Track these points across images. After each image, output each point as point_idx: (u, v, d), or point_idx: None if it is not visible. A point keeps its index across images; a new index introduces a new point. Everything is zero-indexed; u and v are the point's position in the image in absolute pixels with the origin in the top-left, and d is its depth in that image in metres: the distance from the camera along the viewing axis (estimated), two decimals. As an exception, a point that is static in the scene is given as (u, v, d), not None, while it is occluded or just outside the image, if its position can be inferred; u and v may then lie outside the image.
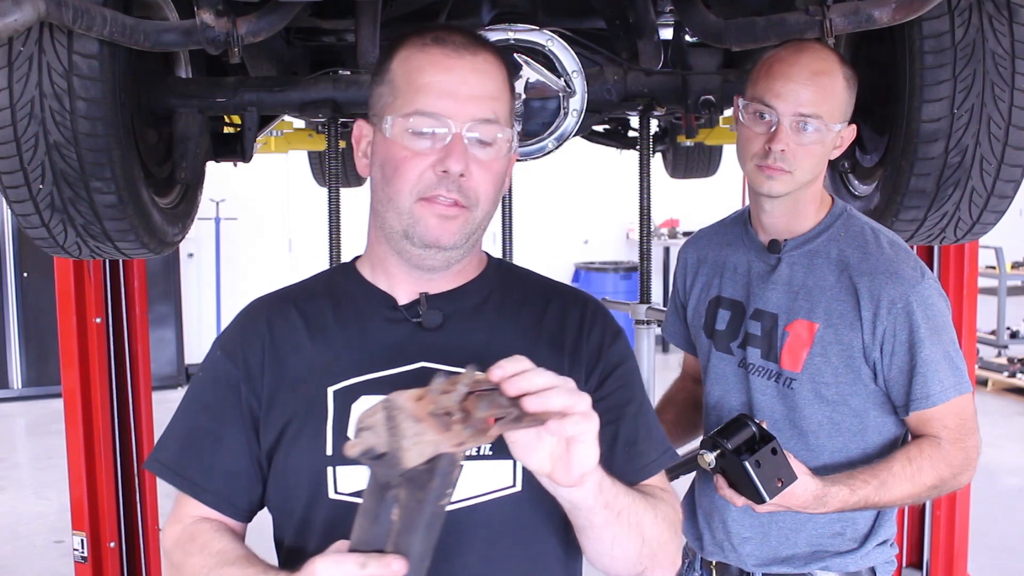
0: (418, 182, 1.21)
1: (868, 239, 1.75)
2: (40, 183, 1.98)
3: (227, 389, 1.27)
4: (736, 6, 2.24)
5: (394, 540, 0.99)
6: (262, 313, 1.32)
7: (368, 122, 1.29)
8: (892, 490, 1.68)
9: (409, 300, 1.29)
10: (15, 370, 7.87)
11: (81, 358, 3.19)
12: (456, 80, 1.21)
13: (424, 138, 1.20)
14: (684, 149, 4.88)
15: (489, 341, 1.27)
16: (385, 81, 1.25)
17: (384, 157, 1.23)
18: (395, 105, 1.22)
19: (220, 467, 1.26)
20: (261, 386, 1.27)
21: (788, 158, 1.68)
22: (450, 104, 1.20)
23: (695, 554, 1.93)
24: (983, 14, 1.93)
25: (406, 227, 1.22)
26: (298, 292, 1.36)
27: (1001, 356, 7.99)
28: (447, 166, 1.19)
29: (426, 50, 1.22)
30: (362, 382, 1.24)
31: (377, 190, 1.26)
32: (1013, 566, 4.52)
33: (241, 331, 1.32)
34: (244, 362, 1.28)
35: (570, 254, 9.64)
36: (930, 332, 1.68)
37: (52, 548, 4.76)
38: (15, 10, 1.63)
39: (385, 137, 1.23)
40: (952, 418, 1.69)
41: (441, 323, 1.28)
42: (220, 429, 1.27)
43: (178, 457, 1.28)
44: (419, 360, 1.25)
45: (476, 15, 2.41)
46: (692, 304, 1.96)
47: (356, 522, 1.02)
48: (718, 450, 1.58)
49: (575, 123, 2.26)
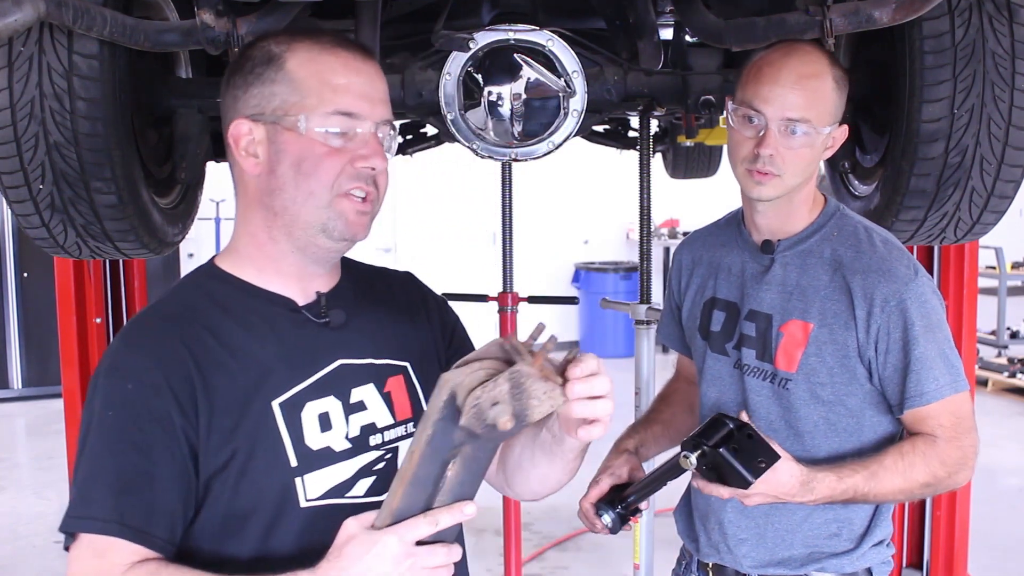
0: (339, 177, 1.26)
1: (861, 238, 1.75)
2: (40, 183, 1.98)
3: (154, 423, 1.19)
4: (736, 6, 2.24)
5: (451, 492, 1.12)
6: (169, 336, 1.24)
7: (251, 120, 1.27)
8: (882, 483, 1.67)
9: (305, 301, 1.33)
10: (15, 370, 7.86)
11: (81, 358, 3.20)
12: (366, 82, 1.28)
13: (345, 137, 1.26)
14: (684, 149, 4.88)
15: (382, 330, 1.38)
16: (278, 80, 1.26)
17: (299, 155, 1.25)
18: (306, 104, 1.25)
19: (162, 508, 1.19)
20: (195, 413, 1.21)
21: (777, 162, 1.68)
22: (367, 105, 1.27)
23: (691, 556, 1.93)
24: (983, 14, 1.93)
25: (325, 221, 1.26)
26: (185, 308, 1.29)
27: (1001, 356, 7.98)
28: (373, 163, 1.27)
29: (335, 53, 1.28)
30: (302, 390, 1.27)
31: (286, 187, 1.26)
32: (1013, 566, 4.52)
33: (153, 358, 1.22)
34: (170, 391, 1.20)
35: (570, 254, 9.64)
36: (924, 329, 1.67)
37: (52, 548, 4.75)
38: (15, 10, 1.63)
39: (298, 135, 1.25)
40: (948, 416, 1.69)
41: (344, 321, 1.33)
42: (154, 468, 1.18)
43: (115, 505, 1.17)
44: (336, 359, 1.31)
45: (476, 15, 2.41)
46: (687, 306, 1.96)
47: (399, 493, 1.10)
48: (699, 450, 1.58)
49: (575, 123, 2.26)
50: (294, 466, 1.23)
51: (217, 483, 1.22)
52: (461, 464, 1.12)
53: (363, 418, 1.31)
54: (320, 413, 1.27)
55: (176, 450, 1.20)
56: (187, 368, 1.21)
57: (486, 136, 2.26)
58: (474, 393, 1.06)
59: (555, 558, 4.66)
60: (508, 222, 3.75)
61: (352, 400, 1.31)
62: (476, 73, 2.23)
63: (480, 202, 7.57)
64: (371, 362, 1.34)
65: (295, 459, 1.24)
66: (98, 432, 1.21)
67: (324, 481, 1.26)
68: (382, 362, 1.36)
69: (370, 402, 1.32)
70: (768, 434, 1.72)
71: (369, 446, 1.31)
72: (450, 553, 1.13)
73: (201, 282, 1.34)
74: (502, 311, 3.70)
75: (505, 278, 3.75)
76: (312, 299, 1.33)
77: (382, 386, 1.34)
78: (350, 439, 1.29)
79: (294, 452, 1.24)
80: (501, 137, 2.27)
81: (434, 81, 2.24)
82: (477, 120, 2.25)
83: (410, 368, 1.39)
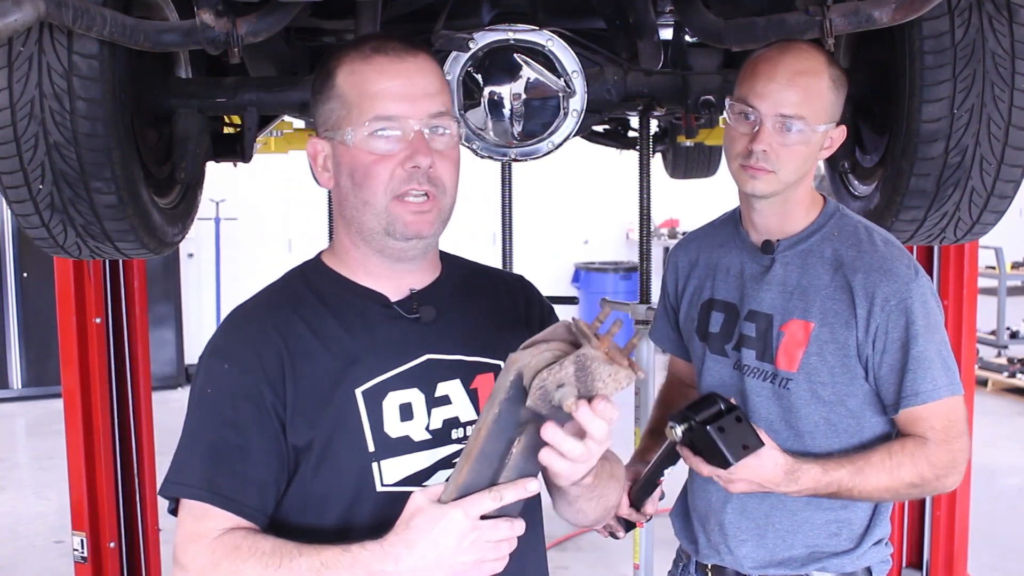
0: (390, 181, 1.31)
1: (862, 238, 1.75)
2: (40, 183, 1.98)
3: (246, 400, 1.29)
4: (736, 6, 2.24)
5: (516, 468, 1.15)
6: (266, 322, 1.34)
7: (322, 138, 1.37)
8: (868, 479, 1.66)
9: (399, 297, 1.38)
10: (15, 370, 7.87)
11: (81, 358, 3.19)
12: (405, 83, 1.31)
13: (387, 141, 1.31)
14: (684, 149, 4.89)
15: (477, 328, 1.41)
16: (332, 97, 1.34)
17: (351, 166, 1.33)
18: (351, 117, 1.32)
19: (253, 479, 1.28)
20: (284, 392, 1.29)
21: (771, 158, 1.68)
22: (405, 105, 1.31)
23: (690, 558, 1.92)
24: (983, 14, 1.93)
25: (386, 226, 1.33)
26: (286, 298, 1.39)
27: (1001, 356, 7.99)
28: (417, 161, 1.30)
29: (370, 61, 1.32)
30: (385, 380, 1.33)
31: (348, 197, 1.35)
32: (1013, 566, 4.52)
33: (249, 342, 1.33)
34: (263, 371, 1.30)
35: (570, 254, 9.64)
36: (924, 329, 1.67)
37: (52, 548, 4.76)
38: (15, 10, 1.63)
39: (348, 147, 1.32)
40: (940, 419, 1.68)
41: (435, 317, 1.38)
42: (246, 441, 1.28)
43: (207, 474, 1.27)
44: (424, 353, 1.36)
45: (476, 15, 2.41)
46: (684, 308, 1.96)
47: (465, 469, 1.14)
48: (686, 423, 1.60)
49: (575, 123, 2.26)
50: (372, 451, 1.30)
51: (302, 463, 1.30)
52: (526, 443, 1.15)
53: (446, 412, 1.36)
54: (402, 403, 1.33)
55: (267, 425, 1.28)
56: (279, 350, 1.31)
57: (486, 136, 2.26)
58: (540, 375, 1.08)
59: (555, 558, 4.66)
60: (508, 222, 3.75)
61: (437, 394, 1.36)
62: (476, 73, 2.23)
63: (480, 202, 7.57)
64: (460, 358, 1.39)
65: (373, 444, 1.30)
66: (197, 407, 1.32)
67: (401, 468, 1.32)
68: (472, 359, 1.39)
69: (455, 397, 1.37)
70: (769, 435, 1.72)
71: (451, 439, 1.36)
72: (513, 527, 1.17)
73: (303, 275, 1.43)
74: (502, 311, 3.69)
75: (505, 278, 3.75)
76: (405, 295, 1.39)
77: (469, 382, 1.38)
78: (431, 431, 1.34)
79: (372, 438, 1.30)
80: (501, 137, 2.27)
81: (434, 81, 2.24)
82: (477, 120, 2.25)
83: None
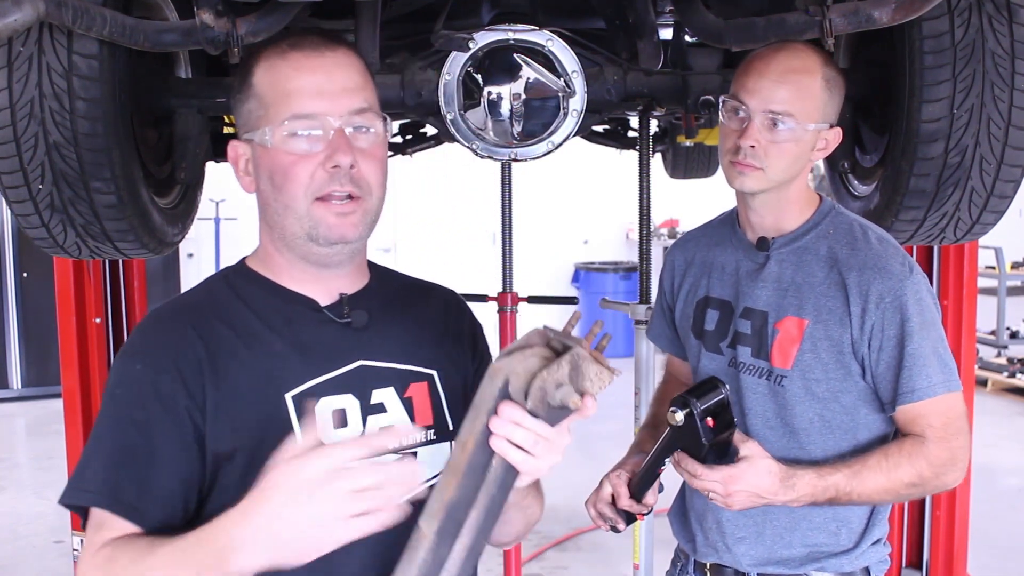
0: (311, 183, 1.23)
1: (857, 235, 1.75)
2: (40, 183, 1.98)
3: (157, 402, 1.20)
4: (736, 6, 2.24)
5: (497, 480, 1.14)
6: (184, 323, 1.26)
7: (241, 140, 1.30)
8: (865, 482, 1.66)
9: (328, 301, 1.32)
10: (15, 370, 7.87)
11: (81, 358, 3.19)
12: (323, 78, 1.24)
13: (306, 140, 1.23)
14: (684, 149, 4.88)
15: (409, 337, 1.36)
16: (250, 96, 1.27)
17: (270, 168, 1.25)
18: (268, 116, 1.24)
19: (155, 485, 1.18)
20: (203, 396, 1.21)
21: (759, 155, 1.68)
22: (323, 102, 1.23)
23: (688, 557, 1.92)
24: (983, 14, 1.93)
25: (308, 230, 1.25)
26: (207, 301, 1.32)
27: (1001, 356, 7.99)
28: (337, 161, 1.22)
29: (287, 57, 1.25)
30: (317, 384, 1.26)
31: (269, 201, 1.28)
32: (1013, 566, 4.52)
33: (164, 342, 1.25)
34: (178, 372, 1.21)
35: (570, 254, 9.64)
36: (920, 326, 1.67)
37: (52, 548, 4.76)
38: (15, 10, 1.63)
39: (267, 149, 1.24)
40: (938, 416, 1.68)
41: (367, 323, 1.32)
42: (150, 446, 1.19)
43: (111, 480, 1.18)
44: (357, 359, 1.30)
45: (476, 15, 2.41)
46: (680, 306, 1.96)
47: (453, 485, 1.11)
48: (688, 409, 1.60)
49: (575, 123, 2.26)
50: None
51: (225, 469, 1.21)
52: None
53: (382, 420, 1.30)
54: (336, 409, 1.27)
55: (178, 431, 1.20)
56: (197, 352, 1.23)
57: (486, 136, 2.26)
58: (540, 376, 1.08)
59: (555, 558, 4.66)
60: (508, 222, 3.76)
61: (372, 401, 1.30)
62: (476, 73, 2.23)
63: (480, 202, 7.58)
64: (393, 366, 1.33)
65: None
66: (105, 408, 1.24)
67: None
68: (405, 367, 1.34)
69: (390, 405, 1.32)
70: (764, 432, 1.72)
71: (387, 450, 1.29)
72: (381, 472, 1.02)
73: (229, 278, 1.36)
74: (502, 311, 3.70)
75: (505, 278, 3.76)
76: (335, 299, 1.33)
77: (403, 391, 1.33)
78: None
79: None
80: (501, 137, 2.27)
81: (434, 81, 2.24)
82: (477, 120, 2.25)
83: (436, 378, 1.37)
